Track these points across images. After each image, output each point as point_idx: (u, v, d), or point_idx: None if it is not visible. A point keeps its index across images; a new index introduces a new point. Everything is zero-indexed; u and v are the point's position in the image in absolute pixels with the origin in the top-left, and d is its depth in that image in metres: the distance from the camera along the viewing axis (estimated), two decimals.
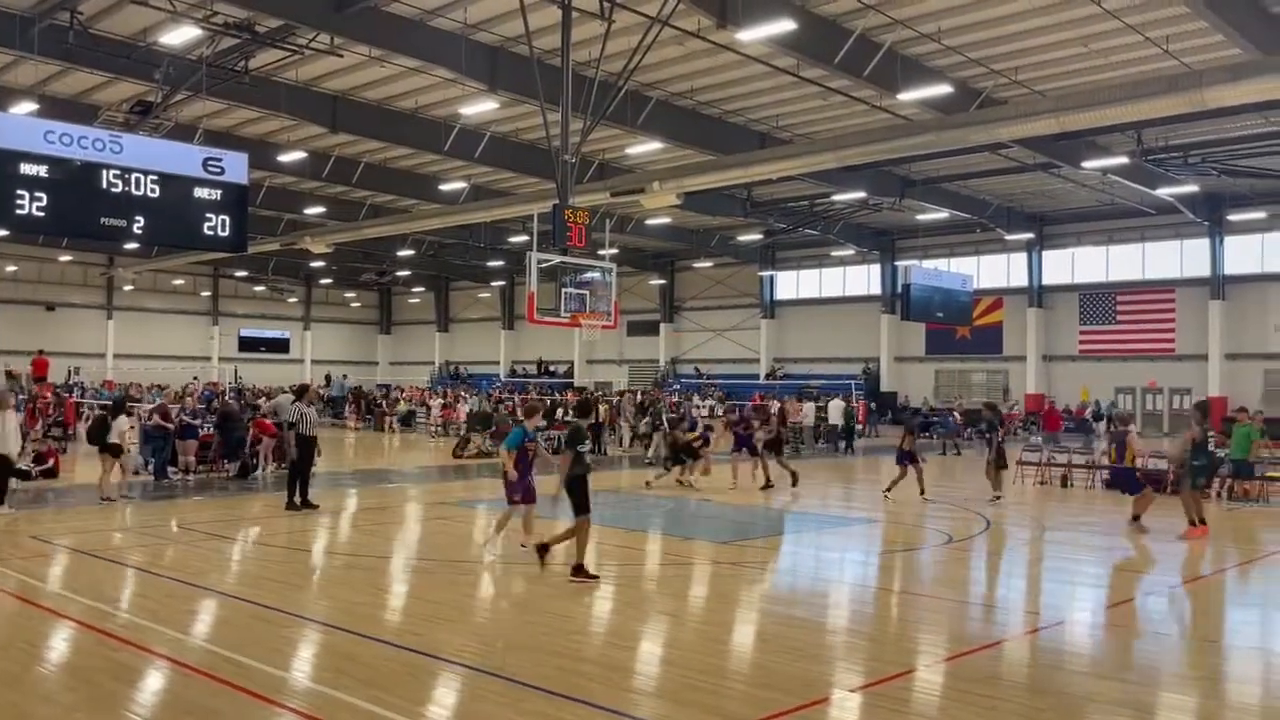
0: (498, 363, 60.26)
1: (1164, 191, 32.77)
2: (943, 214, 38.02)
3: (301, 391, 15.94)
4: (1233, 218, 37.13)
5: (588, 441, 10.45)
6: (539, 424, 11.97)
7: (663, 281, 54.08)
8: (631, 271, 50.22)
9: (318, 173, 32.07)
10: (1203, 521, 13.36)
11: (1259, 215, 36.13)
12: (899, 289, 37.87)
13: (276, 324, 61.35)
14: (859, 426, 35.11)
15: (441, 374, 61.33)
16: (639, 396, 32.76)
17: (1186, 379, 39.23)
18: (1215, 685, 7.13)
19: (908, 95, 22.57)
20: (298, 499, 14.69)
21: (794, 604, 9.49)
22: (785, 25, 18.78)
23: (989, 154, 29.96)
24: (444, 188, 34.02)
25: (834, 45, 20.84)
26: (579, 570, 9.73)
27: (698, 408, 32.52)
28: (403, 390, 45.28)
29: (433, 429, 34.83)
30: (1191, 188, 32.84)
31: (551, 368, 57.02)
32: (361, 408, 40.93)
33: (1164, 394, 40.11)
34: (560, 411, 30.77)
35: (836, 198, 36.57)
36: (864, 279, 48.62)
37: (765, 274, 50.47)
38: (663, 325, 54.72)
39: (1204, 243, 38.68)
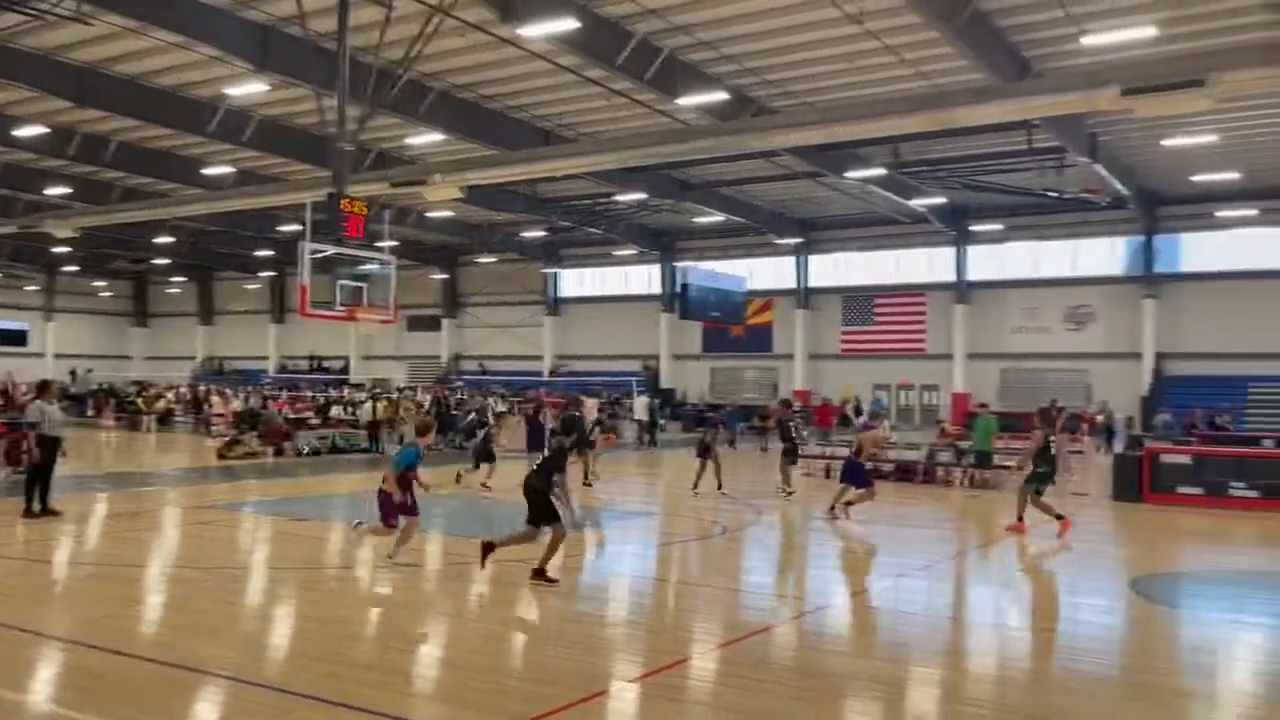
0: (267, 358, 57.37)
1: (916, 202, 35.36)
2: (719, 217, 39.44)
3: (43, 388, 14.58)
4: (975, 228, 40.57)
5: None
6: (430, 442, 11.03)
7: (445, 276, 53.18)
8: (412, 265, 49.04)
9: (61, 150, 29.41)
10: (1021, 519, 13.45)
11: (998, 226, 39.65)
12: (678, 288, 38.91)
13: (11, 313, 55.79)
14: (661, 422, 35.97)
15: (205, 370, 57.74)
16: (458, 395, 32.06)
17: (935, 376, 42.50)
18: (958, 659, 7.76)
19: (687, 100, 23.24)
20: (37, 505, 13.42)
21: (575, 599, 9.57)
22: (568, 24, 18.88)
23: (762, 161, 31.31)
24: (208, 172, 31.99)
25: (616, 47, 21.16)
26: (540, 574, 9.54)
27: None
28: (161, 387, 42.25)
29: (216, 427, 32.29)
30: (940, 200, 35.57)
31: (325, 364, 54.88)
32: (110, 405, 37.89)
33: (915, 390, 43.26)
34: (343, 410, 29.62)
35: (618, 197, 37.18)
36: (645, 278, 49.61)
37: (549, 271, 50.61)
38: (445, 321, 53.82)
39: (951, 251, 42.00)
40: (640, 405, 32.85)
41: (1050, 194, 32.00)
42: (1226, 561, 12.25)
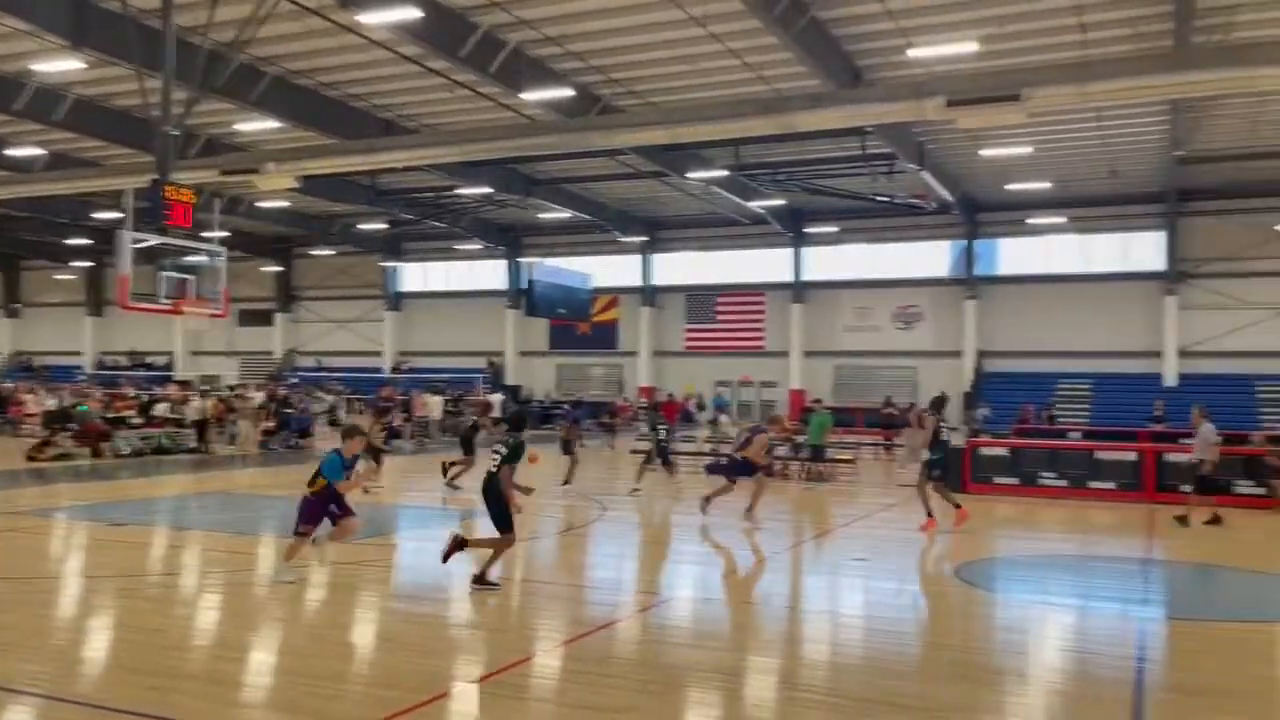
0: (81, 353, 53.86)
1: (756, 204, 36.31)
2: (565, 214, 39.45)
3: None
4: (811, 230, 41.98)
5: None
6: (357, 448, 9.96)
7: (279, 269, 51.19)
8: (244, 257, 46.99)
9: None
10: (930, 515, 13.54)
11: (833, 229, 41.15)
12: (524, 285, 38.71)
13: None
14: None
15: (11, 366, 53.69)
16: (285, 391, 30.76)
17: (773, 373, 43.74)
18: (794, 647, 8.02)
19: (532, 95, 23.12)
20: None
21: (415, 600, 9.39)
22: (410, 13, 18.46)
23: (608, 159, 31.50)
24: (14, 153, 29.74)
25: (460, 38, 20.85)
26: (481, 579, 9.33)
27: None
28: None
29: (25, 428, 29.87)
30: (779, 202, 36.63)
31: (148, 360, 51.95)
32: None
33: (755, 387, 44.42)
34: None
35: (463, 191, 36.66)
36: (490, 274, 49.11)
37: (390, 265, 49.44)
38: (279, 315, 51.83)
39: (788, 252, 43.31)
40: (495, 402, 32.67)
41: (881, 199, 33.46)
42: (1038, 547, 13.10)
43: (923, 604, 9.81)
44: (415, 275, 50.76)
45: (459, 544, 9.60)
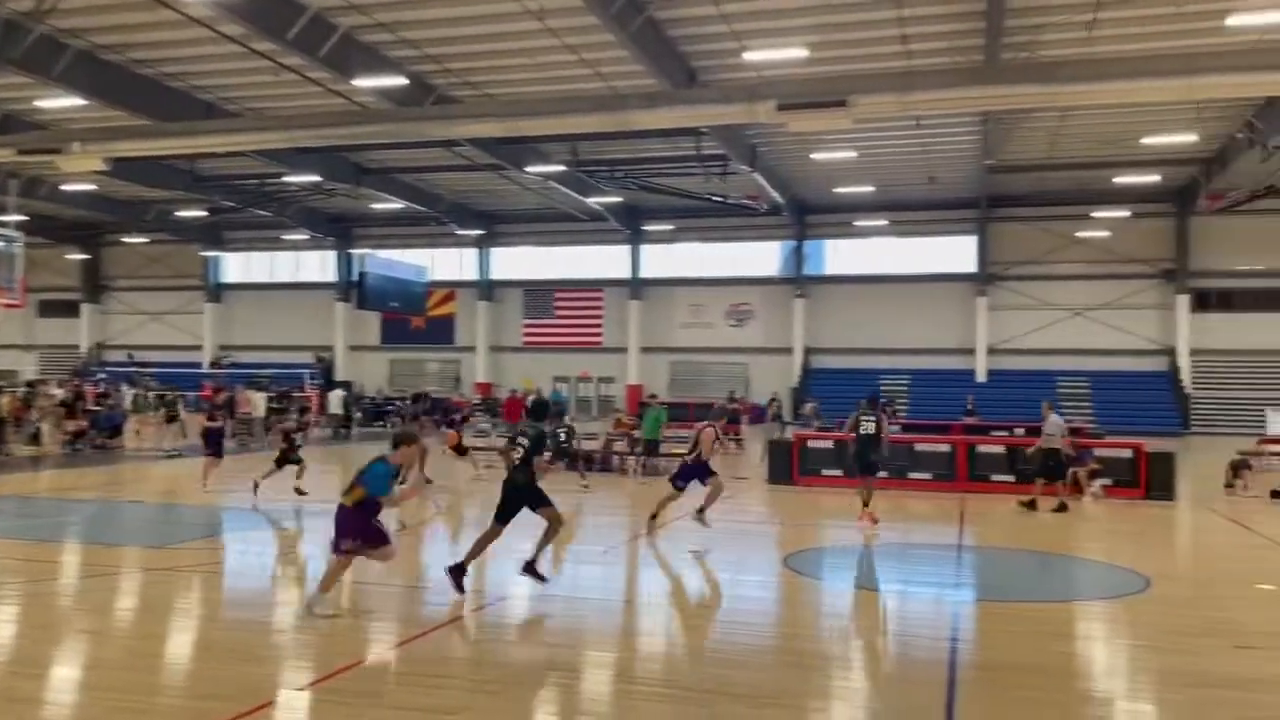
0: None
1: (594, 200, 36.46)
2: (398, 204, 38.52)
3: None
4: (648, 228, 42.49)
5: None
6: (404, 458, 8.98)
7: (86, 256, 47.92)
8: (45, 243, 43.77)
9: None
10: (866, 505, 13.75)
11: (668, 227, 41.79)
12: (355, 277, 37.59)
13: None
14: (315, 417, 34.35)
15: None
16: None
17: (611, 369, 44.06)
18: (630, 640, 8.08)
19: (363, 82, 22.47)
20: None
21: (239, 607, 8.96)
22: None
23: (444, 150, 30.93)
24: None
25: (287, 20, 20.04)
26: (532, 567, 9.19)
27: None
28: None
29: None
30: (617, 199, 36.90)
31: None
32: None
33: (593, 382, 44.63)
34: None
35: (289, 179, 35.24)
36: (319, 265, 47.50)
37: (210, 254, 47.09)
38: (85, 306, 48.57)
39: (626, 248, 43.70)
40: (335, 399, 31.52)
41: (716, 199, 34.21)
42: (860, 535, 13.65)
43: (755, 593, 10.07)
44: (237, 266, 48.57)
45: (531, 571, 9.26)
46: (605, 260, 44.49)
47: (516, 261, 45.81)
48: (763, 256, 43.18)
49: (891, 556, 12.18)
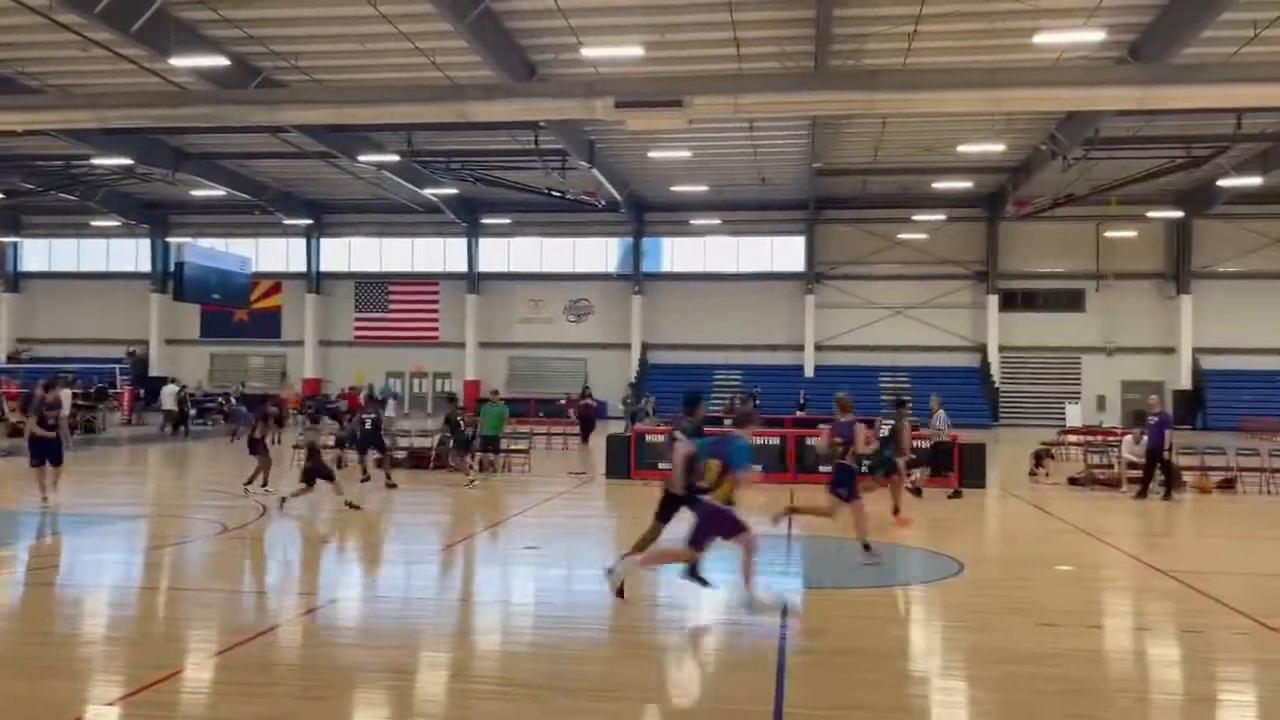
0: None
1: (430, 192, 35.78)
2: (220, 191, 36.73)
3: None
4: (486, 221, 42.03)
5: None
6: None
7: None
8: None
9: None
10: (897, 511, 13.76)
11: (506, 221, 41.45)
12: (172, 267, 35.63)
13: None
14: (126, 416, 32.48)
15: None
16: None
17: (448, 364, 43.40)
18: (467, 639, 7.97)
19: (181, 61, 21.32)
20: None
21: (39, 619, 8.34)
22: None
23: (269, 136, 29.70)
24: None
25: None
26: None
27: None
28: None
29: None
30: (453, 191, 36.34)
31: None
32: None
33: (429, 378, 43.84)
34: None
35: (98, 161, 33.04)
36: (132, 254, 44.81)
37: (7, 241, 43.61)
38: None
39: (463, 242, 43.11)
40: (169, 394, 29.64)
41: (554, 194, 34.17)
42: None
43: (593, 587, 10.12)
44: (39, 253, 45.29)
45: (694, 578, 8.81)
46: (441, 253, 43.76)
47: (348, 253, 44.46)
48: (601, 253, 43.43)
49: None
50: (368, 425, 17.46)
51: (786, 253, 41.98)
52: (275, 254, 44.06)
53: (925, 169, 34.33)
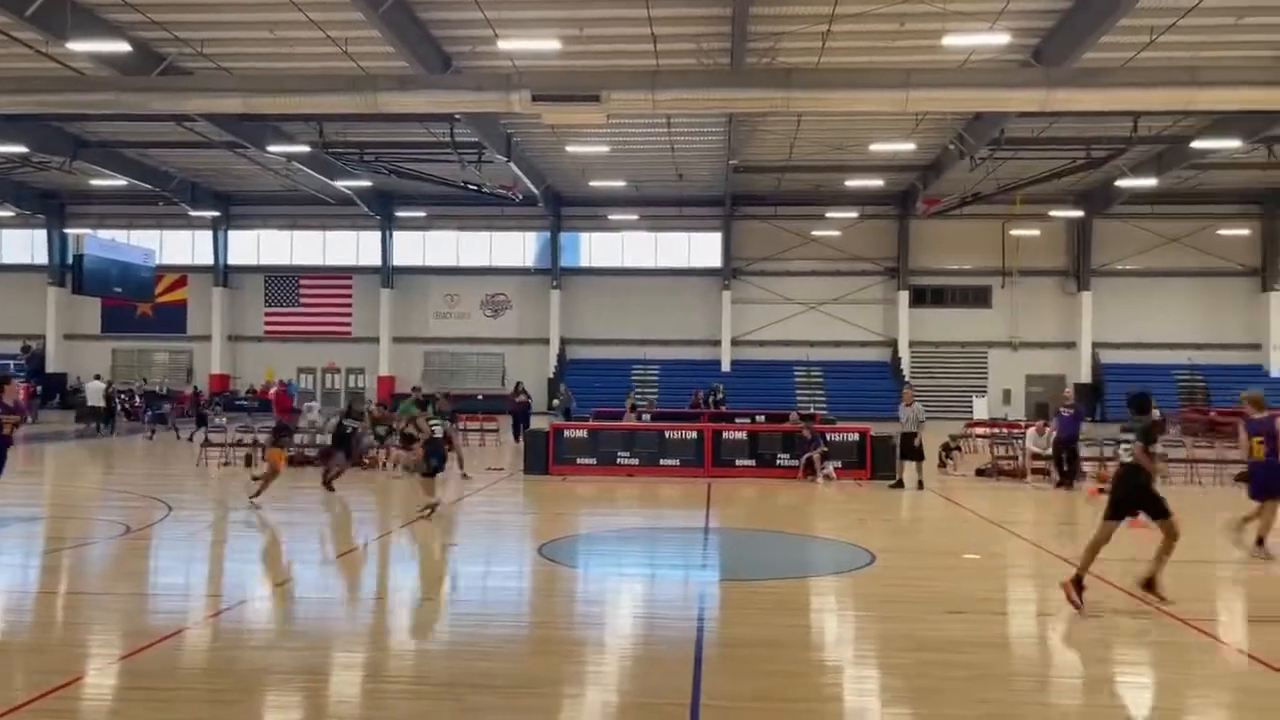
0: None
1: (342, 184, 35.10)
2: (121, 181, 35.44)
3: None
4: (401, 214, 41.41)
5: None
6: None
7: None
8: None
9: None
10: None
11: (422, 214, 40.89)
12: (70, 259, 34.33)
13: None
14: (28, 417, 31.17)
15: None
16: None
17: (361, 360, 42.68)
18: (381, 638, 7.86)
19: (80, 46, 20.50)
20: None
21: None
22: None
23: (174, 125, 28.79)
24: None
25: None
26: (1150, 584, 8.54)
27: None
28: None
29: None
30: (366, 183, 35.71)
31: None
32: None
33: (341, 374, 43.04)
34: None
35: None
36: (28, 245, 43.03)
37: None
38: None
39: (377, 235, 42.41)
40: (94, 390, 28.49)
41: (470, 187, 33.82)
42: (615, 522, 13.96)
43: (509, 583, 10.07)
44: None
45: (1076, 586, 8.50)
46: (355, 246, 43.00)
47: (257, 246, 43.37)
48: (519, 247, 43.17)
49: (642, 541, 12.52)
50: (348, 431, 16.93)
51: (704, 249, 42.28)
52: (180, 246, 42.77)
53: (838, 167, 34.89)
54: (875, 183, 36.77)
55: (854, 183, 36.53)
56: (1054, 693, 6.52)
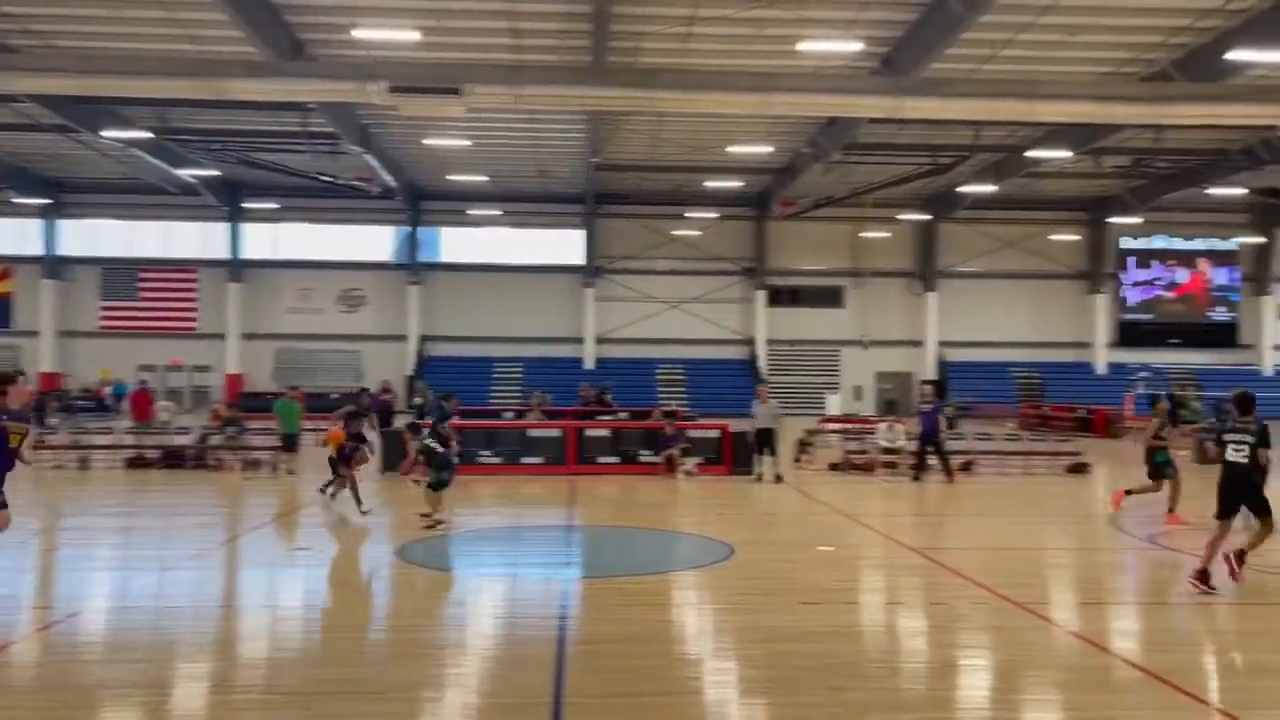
0: None
1: (186, 173, 33.54)
2: None
3: None
4: (250, 205, 39.82)
5: None
6: None
7: None
8: None
9: None
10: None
11: (273, 206, 39.42)
12: None
13: None
14: None
15: None
16: None
17: (207, 357, 40.89)
18: (229, 647, 7.52)
19: None
20: None
21: None
22: None
23: None
24: None
25: None
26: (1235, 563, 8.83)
27: None
28: None
29: None
30: (213, 172, 34.22)
31: None
32: None
33: (186, 371, 41.11)
34: None
35: None
36: None
37: None
38: None
39: (225, 226, 40.68)
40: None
41: (324, 178, 32.81)
42: (477, 521, 13.79)
43: (366, 586, 9.81)
44: None
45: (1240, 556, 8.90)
46: (200, 238, 41.12)
47: (92, 236, 40.95)
48: (376, 241, 42.14)
49: (504, 540, 12.42)
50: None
51: (567, 246, 42.21)
52: (6, 236, 40.04)
53: (699, 168, 35.41)
54: (734, 184, 37.48)
55: (714, 183, 37.15)
56: (900, 678, 6.78)
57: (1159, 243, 43.64)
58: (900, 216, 40.17)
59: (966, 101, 19.42)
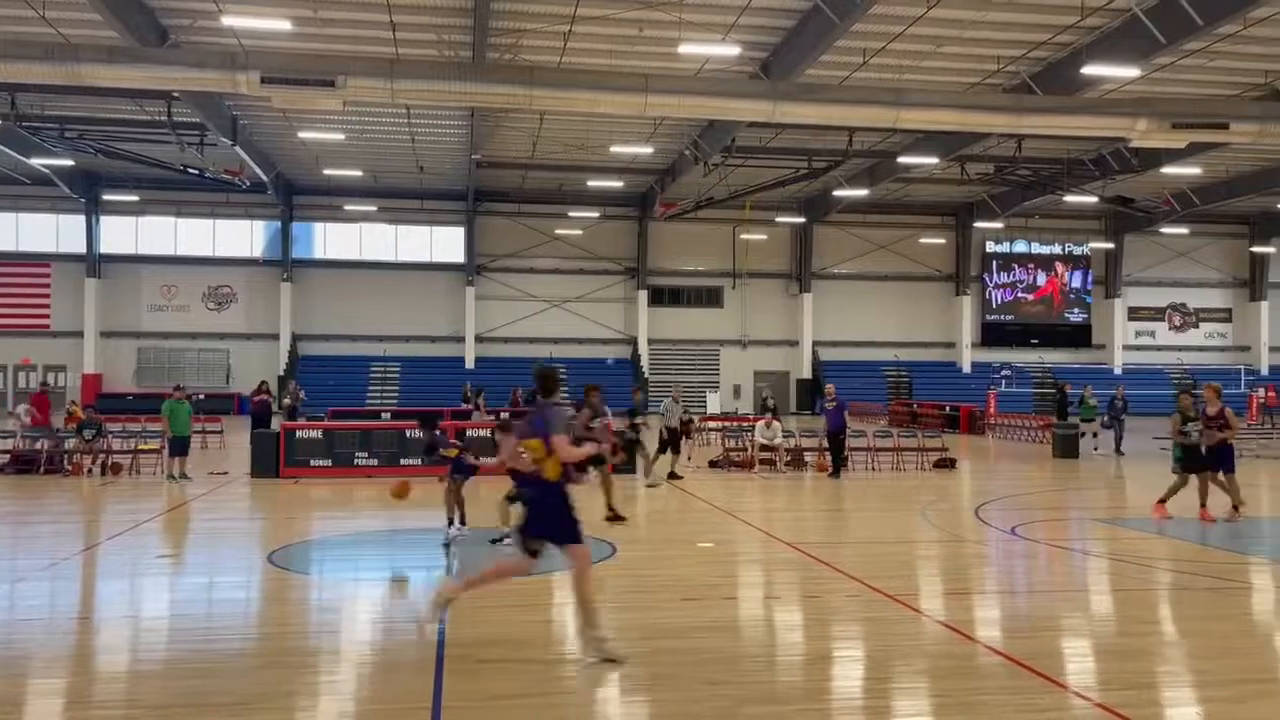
0: None
1: (39, 162, 31.81)
2: None
3: None
4: (109, 198, 38.00)
5: None
6: None
7: None
8: None
9: None
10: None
11: (134, 198, 37.70)
12: None
13: None
14: None
15: None
16: None
17: (62, 356, 38.84)
18: (86, 661, 7.16)
19: None
20: None
21: None
22: None
23: None
24: None
25: None
26: None
27: None
28: None
29: None
30: (68, 162, 32.51)
31: None
32: None
33: (39, 371, 38.94)
34: None
35: None
36: None
37: None
38: None
39: (81, 219, 38.70)
40: None
41: (191, 171, 31.54)
42: (352, 525, 13.47)
43: (234, 594, 9.47)
44: None
45: None
46: (54, 231, 38.99)
47: None
48: (246, 236, 40.72)
49: (381, 544, 12.17)
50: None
51: (447, 243, 41.62)
52: None
53: (581, 167, 35.40)
54: (616, 184, 37.63)
55: (596, 183, 37.21)
56: (776, 670, 6.92)
57: (1020, 247, 45.74)
58: (778, 219, 41.02)
59: (838, 108, 19.97)
